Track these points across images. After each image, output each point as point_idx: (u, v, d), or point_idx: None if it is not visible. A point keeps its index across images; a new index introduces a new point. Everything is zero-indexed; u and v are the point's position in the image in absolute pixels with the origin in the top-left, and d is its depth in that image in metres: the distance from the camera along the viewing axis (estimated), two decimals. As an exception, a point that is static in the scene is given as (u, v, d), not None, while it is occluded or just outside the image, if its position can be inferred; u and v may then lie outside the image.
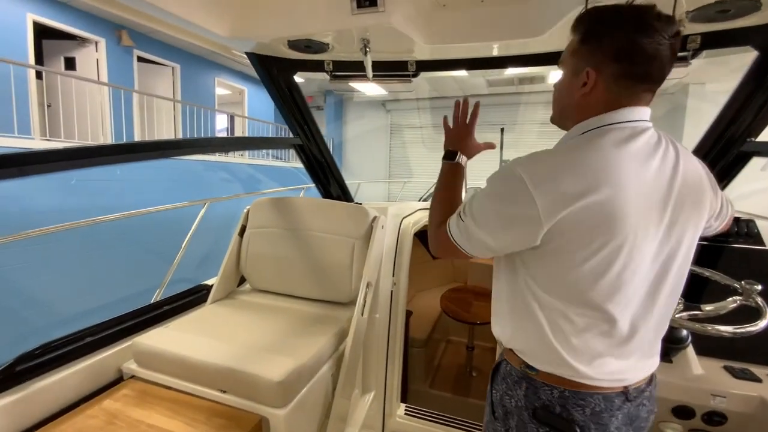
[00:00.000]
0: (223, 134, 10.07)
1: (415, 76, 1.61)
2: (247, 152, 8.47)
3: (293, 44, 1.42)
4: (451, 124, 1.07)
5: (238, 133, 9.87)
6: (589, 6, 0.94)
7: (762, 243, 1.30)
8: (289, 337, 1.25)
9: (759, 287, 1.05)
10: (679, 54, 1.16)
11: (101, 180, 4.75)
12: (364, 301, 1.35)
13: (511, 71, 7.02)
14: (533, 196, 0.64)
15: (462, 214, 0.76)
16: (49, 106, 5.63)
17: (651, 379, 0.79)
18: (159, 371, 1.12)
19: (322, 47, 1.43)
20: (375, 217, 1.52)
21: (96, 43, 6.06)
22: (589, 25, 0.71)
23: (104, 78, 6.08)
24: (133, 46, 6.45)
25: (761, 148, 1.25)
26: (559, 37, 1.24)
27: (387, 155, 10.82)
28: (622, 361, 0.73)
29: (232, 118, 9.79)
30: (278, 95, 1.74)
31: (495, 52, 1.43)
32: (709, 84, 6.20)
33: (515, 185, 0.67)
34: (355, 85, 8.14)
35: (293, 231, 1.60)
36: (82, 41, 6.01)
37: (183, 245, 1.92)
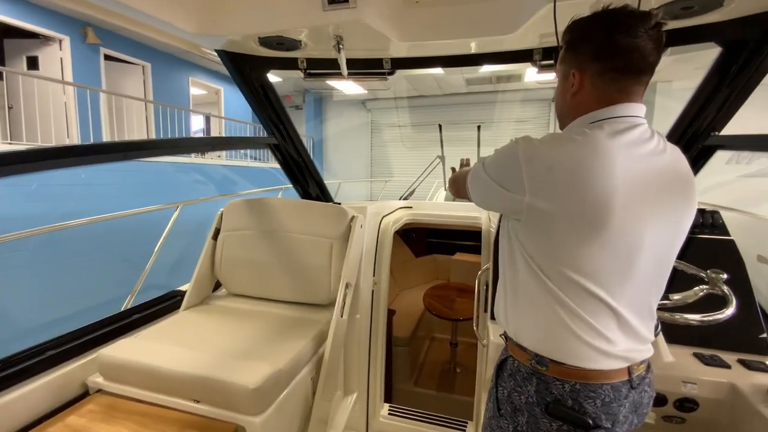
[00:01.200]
0: (200, 135, 9.81)
1: (391, 73, 1.59)
2: (224, 153, 8.29)
3: (264, 41, 1.39)
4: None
5: (215, 134, 9.63)
6: (557, 2, 0.96)
7: (726, 233, 1.35)
8: (266, 343, 1.21)
9: (724, 276, 1.09)
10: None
11: (64, 184, 4.54)
12: (344, 302, 1.33)
13: (489, 70, 7.12)
14: (521, 165, 0.72)
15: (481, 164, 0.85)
16: (10, 107, 5.35)
17: (648, 366, 0.82)
18: (127, 384, 1.07)
19: (294, 44, 1.40)
20: (353, 217, 1.50)
21: (60, 41, 5.78)
22: (570, 33, 0.78)
23: (69, 77, 5.80)
24: (100, 43, 6.18)
25: (725, 142, 1.30)
26: (530, 34, 1.25)
27: (368, 154, 10.80)
28: (624, 342, 0.75)
29: (207, 119, 9.54)
30: (251, 94, 1.69)
31: (470, 50, 1.44)
32: (675, 82, 6.46)
33: (511, 152, 0.75)
34: (334, 83, 8.07)
35: (269, 233, 1.57)
36: (45, 39, 5.72)
37: (155, 251, 1.85)
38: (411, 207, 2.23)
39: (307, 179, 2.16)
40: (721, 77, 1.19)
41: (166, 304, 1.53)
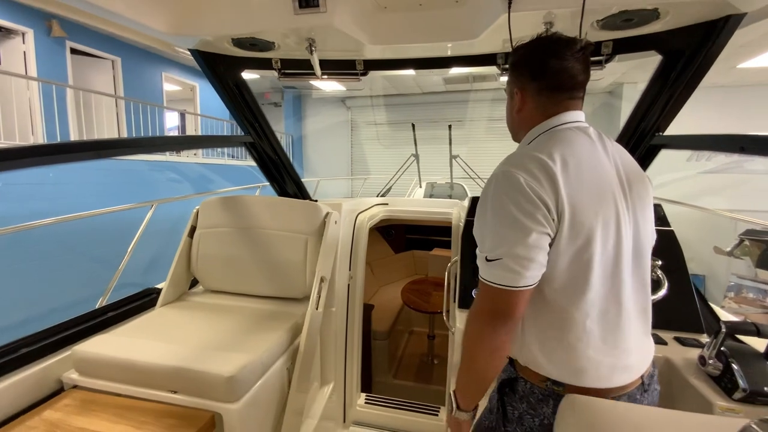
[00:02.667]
0: (174, 133, 9.56)
1: (364, 74, 1.64)
2: (200, 151, 8.12)
3: (238, 42, 1.41)
4: None
5: (190, 132, 9.41)
6: (511, 12, 1.04)
7: (667, 224, 1.48)
8: (242, 335, 1.25)
9: (660, 262, 1.21)
10: (594, 59, 1.31)
11: (31, 183, 4.35)
12: (318, 295, 1.38)
13: (466, 69, 7.26)
14: (531, 183, 0.71)
15: (486, 255, 0.73)
16: (-32, 103, 5.06)
17: (653, 362, 0.84)
18: (103, 378, 1.09)
19: (268, 46, 1.43)
20: (327, 213, 1.55)
21: (23, 34, 5.52)
22: (513, 57, 0.88)
23: (33, 72, 5.55)
24: (66, 37, 5.93)
25: (668, 141, 1.42)
26: (493, 39, 1.34)
27: (348, 152, 10.81)
28: (636, 350, 0.78)
29: (183, 116, 9.31)
30: (226, 93, 1.71)
31: (439, 53, 1.51)
32: (640, 84, 6.79)
33: (512, 181, 0.72)
34: (312, 81, 8.05)
35: (245, 230, 1.60)
36: (7, 32, 5.45)
37: (128, 250, 1.84)
38: (387, 204, 2.29)
39: (284, 177, 2.18)
40: (662, 83, 1.31)
41: (142, 301, 1.54)
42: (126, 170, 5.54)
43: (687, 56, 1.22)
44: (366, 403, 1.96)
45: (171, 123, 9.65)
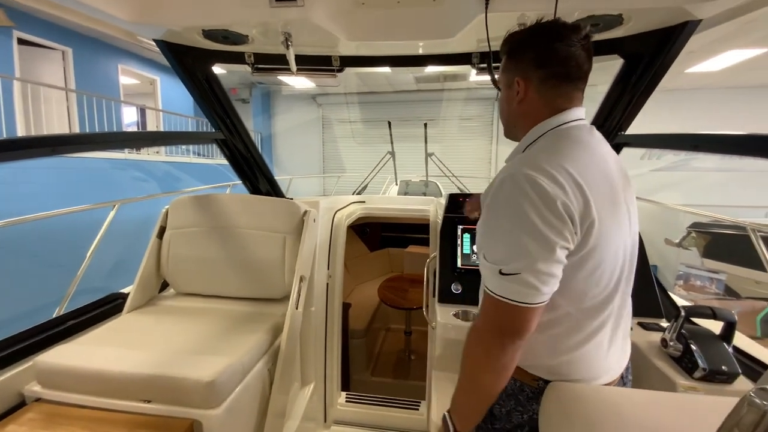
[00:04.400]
0: (133, 129, 9.05)
1: (340, 71, 1.63)
2: (163, 149, 7.73)
3: (209, 34, 1.36)
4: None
5: (151, 128, 8.93)
6: (488, 13, 1.07)
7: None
8: (220, 337, 1.21)
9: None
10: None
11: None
12: (298, 295, 1.35)
13: (437, 69, 7.37)
14: (558, 192, 0.64)
15: (501, 269, 0.67)
16: None
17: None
18: (69, 390, 1.02)
19: (241, 39, 1.38)
20: (306, 212, 1.53)
21: (-41, 20, 5.02)
22: (511, 44, 0.80)
23: (-28, 62, 5.07)
24: (13, 26, 5.46)
25: (630, 140, 1.51)
26: (468, 39, 1.36)
27: (320, 149, 10.68)
28: (620, 348, 0.80)
29: (142, 112, 8.81)
30: (195, 87, 1.64)
31: (415, 51, 1.52)
32: (600, 86, 7.19)
33: (537, 188, 0.65)
34: (283, 77, 7.87)
35: (219, 229, 1.54)
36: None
37: (88, 254, 1.72)
38: (364, 201, 2.29)
39: (256, 175, 2.12)
40: (624, 85, 1.39)
41: (107, 307, 1.45)
42: (87, 169, 5.17)
43: (646, 60, 1.30)
44: (347, 401, 1.95)
45: (129, 118, 9.11)
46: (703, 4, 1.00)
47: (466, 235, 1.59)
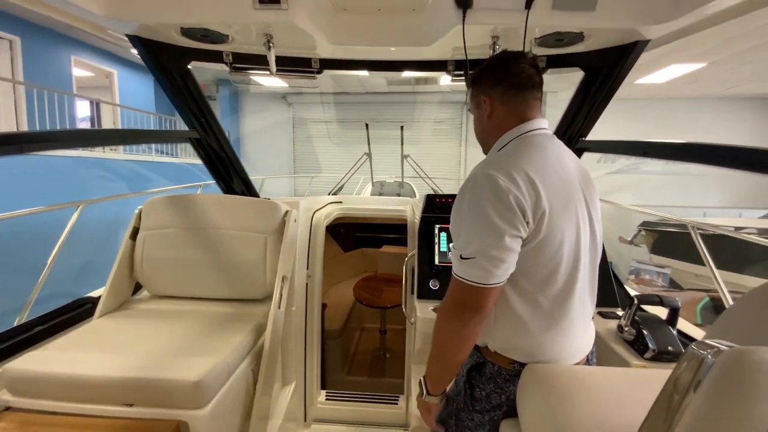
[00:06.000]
0: (86, 124, 8.47)
1: (319, 72, 1.65)
2: (120, 147, 7.30)
3: (187, 32, 1.34)
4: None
5: (107, 124, 8.41)
6: (465, 24, 1.14)
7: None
8: (202, 339, 1.20)
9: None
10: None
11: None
12: (281, 295, 1.36)
13: (410, 73, 7.49)
14: (511, 188, 0.75)
15: (460, 253, 0.79)
16: None
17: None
18: (42, 397, 0.97)
19: (221, 38, 1.38)
20: (287, 212, 1.54)
21: None
22: (474, 75, 0.97)
23: None
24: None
25: (590, 146, 1.64)
26: (444, 47, 1.44)
27: (291, 150, 10.52)
28: (586, 331, 0.90)
29: (97, 107, 8.27)
30: (169, 85, 1.60)
31: (392, 56, 1.57)
32: (561, 93, 7.62)
33: (493, 185, 0.76)
34: (255, 76, 7.70)
35: (197, 230, 1.51)
36: None
37: (51, 257, 1.62)
38: (341, 202, 2.31)
39: (231, 175, 2.09)
40: (584, 95, 1.52)
41: (75, 312, 1.38)
42: (49, 167, 4.75)
43: (604, 73, 1.43)
44: (327, 399, 1.97)
45: (82, 113, 8.53)
46: (651, 27, 1.13)
47: (443, 234, 1.67)
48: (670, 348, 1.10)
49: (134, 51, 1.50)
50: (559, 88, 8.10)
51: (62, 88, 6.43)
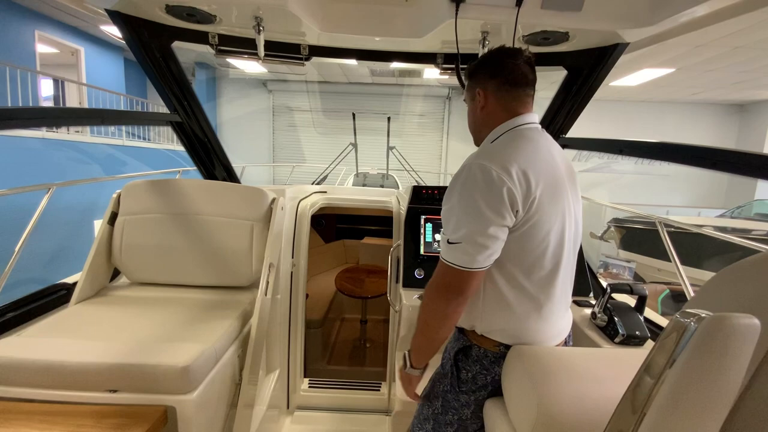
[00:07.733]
0: (49, 104, 7.97)
1: (307, 59, 1.63)
2: (87, 130, 6.90)
3: (172, 10, 1.29)
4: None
5: (72, 105, 7.93)
6: (458, 18, 1.16)
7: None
8: (187, 326, 1.18)
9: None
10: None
11: None
12: (267, 282, 1.36)
13: (394, 65, 7.46)
14: (504, 179, 0.79)
15: (448, 238, 0.83)
16: None
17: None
18: (18, 385, 0.94)
19: (208, 18, 1.34)
20: (274, 199, 1.53)
21: None
22: (471, 68, 0.99)
23: None
24: None
25: (569, 142, 1.71)
26: (434, 40, 1.45)
27: (270, 138, 10.29)
28: (564, 315, 0.95)
29: (61, 85, 7.78)
30: (151, 65, 1.54)
31: (382, 47, 1.58)
32: (540, 91, 7.85)
33: (486, 175, 0.80)
34: (233, 60, 7.44)
35: (180, 216, 1.48)
36: None
37: (20, 242, 1.54)
38: (325, 191, 2.31)
39: (212, 160, 2.05)
40: (566, 93, 1.58)
41: (50, 298, 1.33)
42: (17, 148, 4.42)
43: (585, 73, 1.50)
44: (310, 387, 1.99)
45: (46, 92, 8.01)
46: (631, 30, 1.19)
47: (429, 225, 1.70)
48: (637, 333, 1.18)
49: (104, 27, 1.44)
50: (539, 87, 8.32)
51: (24, 65, 6.00)
